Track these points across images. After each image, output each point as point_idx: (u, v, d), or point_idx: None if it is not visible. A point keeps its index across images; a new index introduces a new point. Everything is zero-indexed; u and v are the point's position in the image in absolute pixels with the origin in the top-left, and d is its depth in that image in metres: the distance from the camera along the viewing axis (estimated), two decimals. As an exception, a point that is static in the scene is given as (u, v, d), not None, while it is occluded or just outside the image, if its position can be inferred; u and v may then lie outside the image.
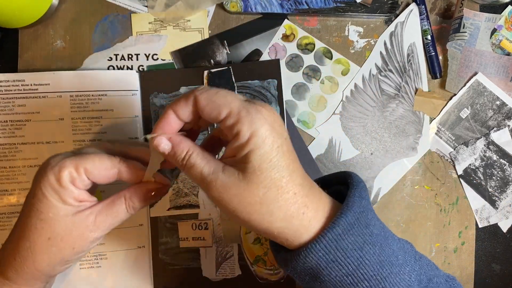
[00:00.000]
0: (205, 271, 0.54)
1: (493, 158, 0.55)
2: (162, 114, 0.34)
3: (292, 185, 0.31)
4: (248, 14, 0.55)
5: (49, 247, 0.35)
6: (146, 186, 0.37)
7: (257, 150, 0.30)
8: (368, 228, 0.32)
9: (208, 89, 0.32)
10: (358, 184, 0.34)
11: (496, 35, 0.54)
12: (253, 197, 0.30)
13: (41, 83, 0.52)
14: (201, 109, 0.32)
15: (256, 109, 0.31)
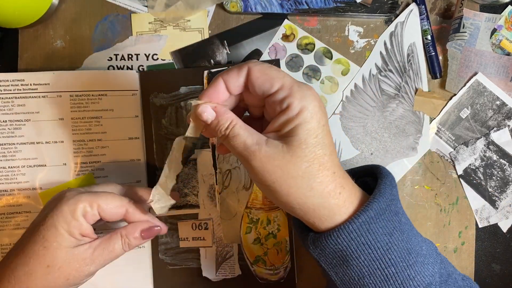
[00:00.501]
0: (205, 271, 0.54)
1: (493, 158, 0.55)
2: (211, 82, 0.34)
3: (332, 164, 0.32)
4: (248, 14, 0.55)
5: (46, 275, 0.37)
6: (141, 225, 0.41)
7: (305, 124, 0.31)
8: (397, 215, 0.33)
9: (261, 62, 0.33)
10: (388, 175, 0.35)
11: (496, 35, 0.54)
12: (296, 170, 0.31)
13: (40, 83, 0.52)
14: (253, 81, 0.32)
15: (306, 87, 0.32)
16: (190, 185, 0.53)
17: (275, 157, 0.31)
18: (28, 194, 0.52)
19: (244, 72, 0.33)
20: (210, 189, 0.53)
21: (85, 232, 0.38)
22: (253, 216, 0.53)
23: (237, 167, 0.53)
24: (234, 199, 0.53)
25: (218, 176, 0.53)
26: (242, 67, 0.33)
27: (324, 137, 0.32)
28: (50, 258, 0.37)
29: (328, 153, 0.32)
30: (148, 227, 0.41)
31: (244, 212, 0.53)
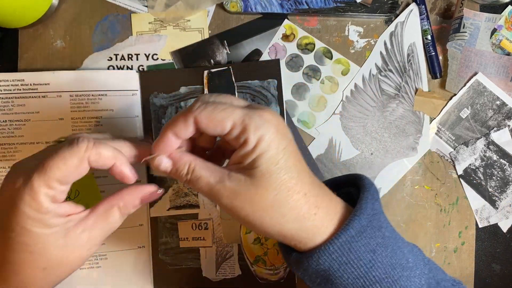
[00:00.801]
0: (205, 271, 0.54)
1: (493, 158, 0.55)
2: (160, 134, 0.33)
3: (301, 185, 0.31)
4: (248, 14, 0.55)
5: (47, 276, 0.33)
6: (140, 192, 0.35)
7: (264, 154, 0.30)
8: (380, 230, 0.32)
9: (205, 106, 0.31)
10: (370, 186, 0.34)
11: (496, 35, 0.54)
12: (264, 200, 0.30)
13: (40, 83, 0.52)
14: (203, 128, 0.31)
15: (258, 115, 0.31)
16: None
17: (241, 192, 0.31)
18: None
19: (191, 121, 0.31)
20: (210, 189, 0.53)
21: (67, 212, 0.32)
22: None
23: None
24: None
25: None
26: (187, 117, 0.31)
27: (287, 160, 0.31)
28: (44, 261, 0.32)
29: (295, 175, 0.31)
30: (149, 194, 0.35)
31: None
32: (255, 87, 0.53)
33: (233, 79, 0.53)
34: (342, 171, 0.55)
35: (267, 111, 0.31)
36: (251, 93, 0.53)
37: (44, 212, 0.31)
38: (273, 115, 0.31)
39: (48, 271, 0.32)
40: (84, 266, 0.52)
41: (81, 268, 0.52)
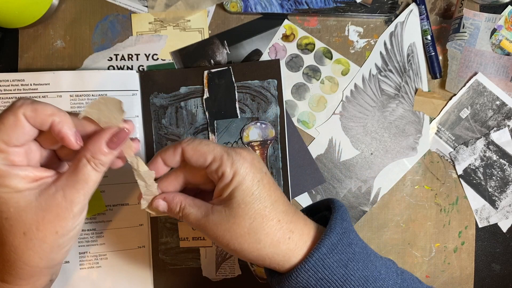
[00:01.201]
0: (205, 271, 0.54)
1: (493, 158, 0.55)
2: (152, 159, 0.37)
3: (275, 213, 0.35)
4: (248, 14, 0.55)
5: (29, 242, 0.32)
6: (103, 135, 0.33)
7: (239, 186, 0.34)
8: (350, 247, 0.35)
9: (193, 140, 0.36)
10: (339, 208, 0.37)
11: (496, 35, 0.54)
12: (242, 228, 0.34)
13: (41, 83, 0.52)
14: (188, 158, 0.36)
15: (235, 152, 0.35)
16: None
17: (221, 223, 0.34)
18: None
19: (179, 151, 0.36)
20: (210, 189, 0.53)
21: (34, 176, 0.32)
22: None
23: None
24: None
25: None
26: (176, 148, 0.36)
27: (261, 191, 0.34)
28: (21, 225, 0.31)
29: (269, 204, 0.35)
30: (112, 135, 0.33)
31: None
32: (255, 87, 0.53)
33: (233, 79, 0.53)
34: (342, 171, 0.55)
35: (244, 150, 0.36)
36: (251, 93, 0.53)
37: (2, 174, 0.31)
38: (249, 152, 0.36)
39: (28, 235, 0.32)
40: (84, 266, 0.52)
41: (81, 268, 0.52)
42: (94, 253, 0.52)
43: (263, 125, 0.53)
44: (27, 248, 0.32)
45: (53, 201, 0.32)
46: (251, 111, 0.53)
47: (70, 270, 0.52)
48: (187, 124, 0.53)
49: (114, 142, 0.33)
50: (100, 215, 0.52)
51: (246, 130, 0.53)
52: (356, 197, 0.55)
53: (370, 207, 0.55)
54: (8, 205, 0.31)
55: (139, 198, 0.38)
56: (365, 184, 0.55)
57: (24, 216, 0.32)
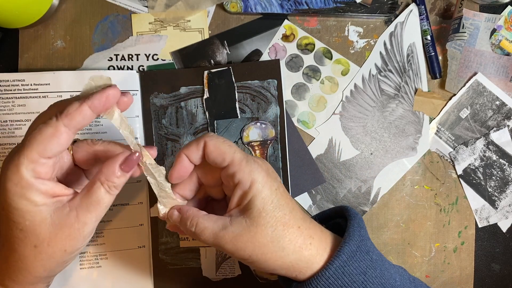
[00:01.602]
0: (205, 271, 0.54)
1: (493, 158, 0.55)
2: (176, 158, 0.37)
3: (294, 220, 0.35)
4: (248, 14, 0.55)
5: (38, 255, 0.33)
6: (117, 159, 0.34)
7: (259, 194, 0.34)
8: (368, 254, 0.35)
9: (216, 137, 0.36)
10: (355, 216, 0.38)
11: (496, 35, 0.54)
12: (264, 237, 0.34)
13: (41, 83, 0.52)
14: (208, 153, 0.35)
15: (253, 160, 0.35)
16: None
17: (243, 233, 0.34)
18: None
19: (201, 145, 0.36)
20: (210, 189, 0.53)
21: (53, 192, 0.33)
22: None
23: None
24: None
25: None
26: (199, 141, 0.36)
27: (279, 199, 0.35)
28: (33, 238, 0.32)
29: (288, 211, 0.35)
30: (125, 159, 0.34)
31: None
32: (255, 87, 0.54)
33: (233, 79, 0.53)
34: (342, 171, 0.55)
35: (259, 159, 0.36)
36: (251, 93, 0.53)
37: (26, 186, 0.31)
38: (264, 162, 0.36)
39: (38, 249, 0.33)
40: (84, 266, 0.52)
41: (81, 268, 0.52)
42: (94, 253, 0.52)
43: (263, 125, 0.53)
44: (35, 260, 0.33)
45: (66, 220, 0.33)
46: (251, 111, 0.53)
47: (70, 270, 0.52)
48: (187, 124, 0.54)
49: (128, 165, 0.34)
50: (100, 215, 0.52)
51: (246, 130, 0.53)
52: (356, 197, 0.55)
53: (370, 207, 0.56)
54: (25, 218, 0.32)
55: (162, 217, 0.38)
56: (365, 184, 0.56)
57: (38, 231, 0.32)
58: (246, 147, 0.53)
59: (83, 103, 0.32)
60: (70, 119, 0.32)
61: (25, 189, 0.31)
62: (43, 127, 0.31)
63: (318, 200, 0.55)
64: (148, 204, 0.53)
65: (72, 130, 0.32)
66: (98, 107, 0.32)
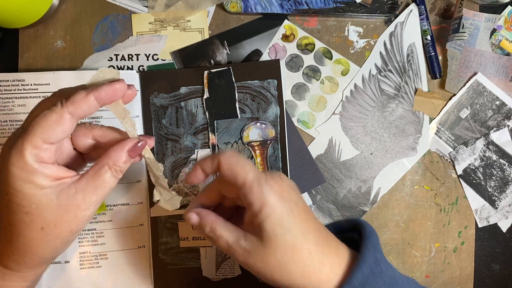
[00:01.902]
0: (205, 270, 0.54)
1: (493, 158, 0.55)
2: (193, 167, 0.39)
3: (306, 245, 0.35)
4: (248, 14, 0.55)
5: (45, 237, 0.34)
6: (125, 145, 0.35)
7: (268, 219, 0.34)
8: (381, 277, 0.35)
9: (232, 156, 0.36)
10: (370, 235, 0.37)
11: (496, 35, 0.54)
12: (273, 259, 0.34)
13: (41, 83, 0.52)
14: (222, 172, 0.36)
15: (265, 181, 0.35)
16: (190, 185, 0.53)
17: (253, 252, 0.35)
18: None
19: (216, 163, 0.37)
20: (210, 189, 0.53)
21: (56, 175, 0.33)
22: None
23: (237, 167, 0.53)
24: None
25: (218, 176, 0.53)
26: (214, 159, 0.37)
27: (291, 223, 0.34)
28: (40, 220, 0.33)
29: (300, 236, 0.34)
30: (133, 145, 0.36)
31: (244, 212, 0.53)
32: (255, 87, 0.54)
33: (233, 79, 0.53)
34: (342, 171, 0.55)
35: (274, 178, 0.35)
36: (251, 93, 0.53)
37: (31, 171, 0.32)
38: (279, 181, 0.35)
39: (45, 230, 0.33)
40: (84, 266, 0.52)
41: (81, 268, 0.52)
42: (94, 253, 0.52)
43: (263, 125, 0.53)
44: (42, 241, 0.34)
45: (72, 201, 0.33)
46: (251, 111, 0.54)
47: (70, 270, 0.52)
48: (187, 124, 0.54)
49: (134, 151, 0.36)
50: (100, 215, 0.53)
51: (246, 130, 0.53)
52: (356, 197, 0.55)
53: (370, 207, 0.56)
54: (31, 201, 0.32)
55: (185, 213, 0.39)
56: (365, 184, 0.56)
57: (45, 213, 0.33)
58: (246, 147, 0.53)
59: (89, 93, 0.32)
60: (76, 107, 0.32)
61: (30, 174, 0.32)
62: (47, 113, 0.32)
63: (318, 200, 0.55)
64: (148, 204, 0.53)
65: (75, 118, 0.33)
66: (104, 99, 0.33)
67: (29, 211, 0.33)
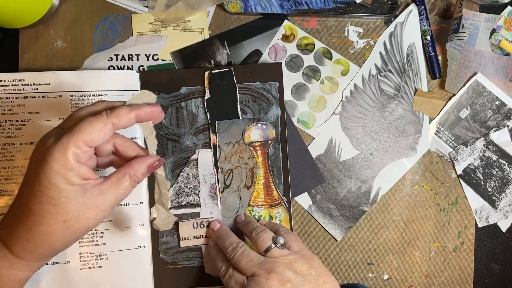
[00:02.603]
0: (207, 268, 0.54)
1: (493, 158, 0.55)
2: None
3: None
4: (248, 14, 0.55)
5: (65, 229, 0.37)
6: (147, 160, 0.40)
7: None
8: None
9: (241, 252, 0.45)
10: None
11: (496, 35, 0.54)
12: None
13: (41, 83, 0.52)
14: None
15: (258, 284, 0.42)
16: (191, 184, 0.53)
17: None
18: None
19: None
20: (211, 188, 0.53)
21: (86, 176, 0.37)
22: (255, 214, 0.53)
23: (238, 166, 0.53)
24: (236, 198, 0.53)
25: (219, 176, 0.53)
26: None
27: None
28: (64, 213, 0.36)
29: None
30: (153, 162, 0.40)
31: (246, 210, 0.53)
32: (257, 89, 0.54)
33: (234, 80, 0.53)
34: (341, 171, 0.55)
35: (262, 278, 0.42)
36: (252, 95, 0.54)
37: (69, 168, 0.35)
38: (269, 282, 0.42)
39: (67, 224, 0.36)
40: (85, 266, 0.52)
41: (81, 268, 0.52)
42: (94, 253, 0.52)
43: (264, 125, 0.53)
44: (60, 233, 0.37)
45: (94, 202, 0.37)
46: (252, 112, 0.54)
47: (70, 270, 0.52)
48: (187, 125, 0.54)
49: (153, 167, 0.40)
50: (101, 215, 0.53)
51: (247, 131, 0.53)
52: (356, 197, 0.56)
53: (370, 207, 0.56)
54: (61, 194, 0.36)
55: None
56: (365, 184, 0.56)
57: (70, 208, 0.36)
58: (248, 148, 0.54)
59: (132, 110, 0.37)
60: (119, 120, 0.37)
61: (68, 170, 0.35)
62: (94, 120, 0.36)
63: (318, 200, 0.55)
64: (148, 204, 0.53)
65: (115, 128, 0.37)
66: (142, 117, 0.38)
67: (56, 204, 0.36)
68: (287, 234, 0.47)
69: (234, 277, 0.44)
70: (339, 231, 0.55)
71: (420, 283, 0.56)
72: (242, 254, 0.45)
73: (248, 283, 0.42)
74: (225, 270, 0.46)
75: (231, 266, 0.46)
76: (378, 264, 0.56)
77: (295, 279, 0.42)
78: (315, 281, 0.43)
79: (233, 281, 0.44)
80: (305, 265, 0.43)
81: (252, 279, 0.42)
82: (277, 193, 0.54)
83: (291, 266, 0.43)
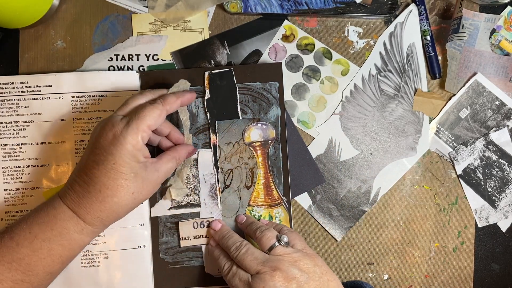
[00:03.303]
0: (208, 267, 0.54)
1: (492, 158, 0.55)
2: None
3: None
4: (248, 14, 0.55)
5: (132, 200, 0.43)
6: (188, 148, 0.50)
7: None
8: None
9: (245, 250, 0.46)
10: None
11: (496, 36, 0.54)
12: None
13: (43, 85, 0.52)
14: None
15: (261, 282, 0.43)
16: (191, 184, 0.54)
17: None
18: (32, 193, 0.53)
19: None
20: (211, 188, 0.54)
21: (146, 154, 0.44)
22: (255, 214, 0.54)
23: (238, 166, 0.54)
24: (236, 197, 0.54)
25: (219, 176, 0.54)
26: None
27: None
28: (133, 186, 0.43)
29: None
30: (192, 150, 0.51)
31: (246, 210, 0.54)
32: (257, 89, 0.54)
33: (234, 80, 0.54)
34: (341, 171, 0.55)
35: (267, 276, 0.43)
36: (252, 95, 0.54)
37: (139, 148, 0.43)
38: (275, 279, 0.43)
39: (134, 195, 0.43)
40: (86, 264, 0.52)
41: (82, 267, 0.52)
42: (95, 251, 0.53)
43: (264, 126, 0.54)
44: (128, 204, 0.44)
45: (152, 176, 0.44)
46: (252, 112, 0.54)
47: (71, 269, 0.52)
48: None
49: (190, 153, 0.51)
50: (101, 215, 0.53)
51: (247, 131, 0.54)
52: (356, 197, 0.56)
53: (370, 207, 0.56)
54: (131, 170, 0.43)
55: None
56: (365, 184, 0.56)
57: (136, 182, 0.43)
58: (248, 148, 0.54)
59: (178, 97, 0.47)
60: (170, 107, 0.45)
61: (137, 150, 0.43)
62: (154, 107, 0.44)
63: (318, 200, 0.55)
64: (148, 204, 0.53)
65: (167, 114, 0.45)
66: (184, 103, 0.48)
67: (127, 178, 0.42)
68: (290, 233, 0.48)
69: (238, 275, 0.44)
70: (339, 231, 0.55)
71: (420, 283, 0.56)
72: (246, 252, 0.45)
73: (253, 280, 0.43)
74: (228, 268, 0.46)
75: (235, 265, 0.46)
76: (378, 264, 0.56)
77: (300, 276, 0.42)
78: (320, 278, 0.43)
79: (237, 279, 0.44)
80: (310, 263, 0.44)
81: (257, 276, 0.43)
82: (277, 193, 0.54)
83: (295, 264, 0.43)
